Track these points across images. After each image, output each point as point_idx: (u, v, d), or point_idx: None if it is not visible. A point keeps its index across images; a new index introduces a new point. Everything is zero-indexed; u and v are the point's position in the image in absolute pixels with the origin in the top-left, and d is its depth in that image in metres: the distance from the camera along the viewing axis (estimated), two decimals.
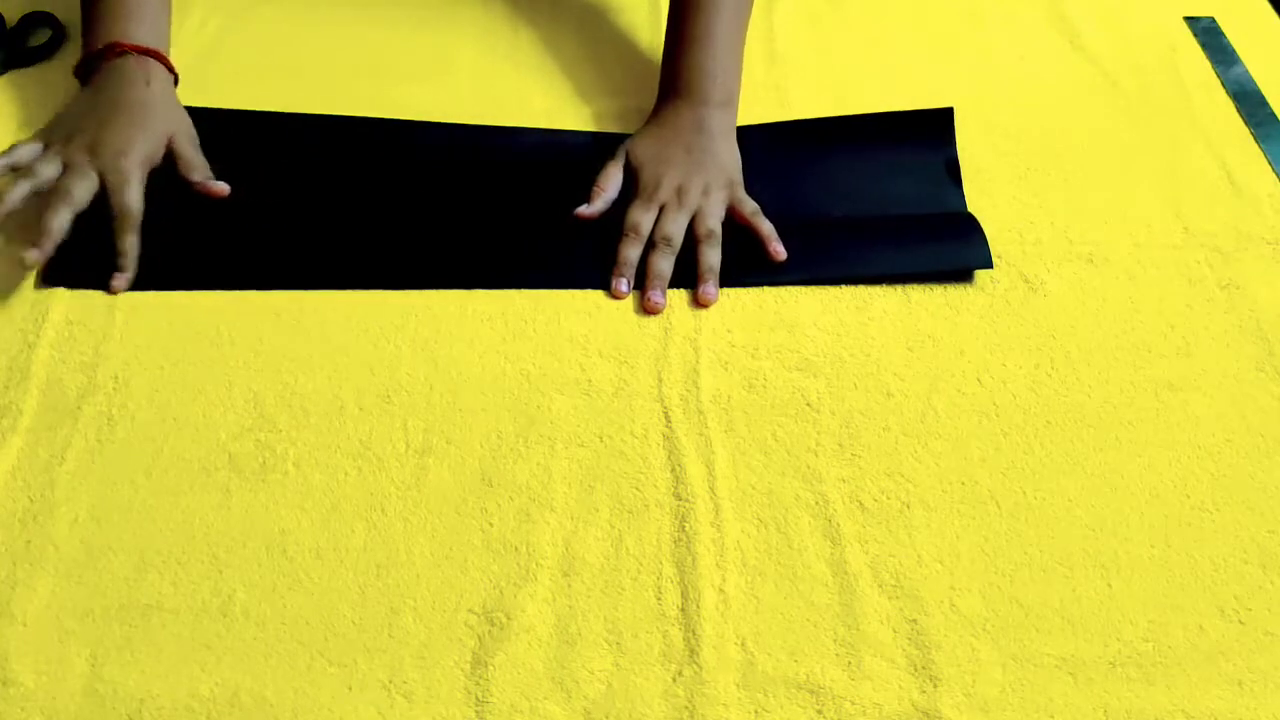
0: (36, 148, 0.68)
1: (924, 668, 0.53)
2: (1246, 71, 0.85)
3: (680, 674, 0.53)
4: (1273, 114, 0.82)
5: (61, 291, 0.67)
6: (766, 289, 0.69)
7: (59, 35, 0.83)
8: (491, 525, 0.58)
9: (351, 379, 0.64)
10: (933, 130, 0.77)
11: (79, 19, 0.76)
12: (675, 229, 0.70)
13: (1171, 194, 0.76)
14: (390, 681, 0.52)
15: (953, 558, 0.57)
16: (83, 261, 0.67)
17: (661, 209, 0.71)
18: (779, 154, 0.77)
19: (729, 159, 0.74)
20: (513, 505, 0.59)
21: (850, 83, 0.83)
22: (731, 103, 0.76)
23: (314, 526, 0.57)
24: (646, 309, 0.68)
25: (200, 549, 0.56)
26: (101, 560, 0.56)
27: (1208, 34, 0.89)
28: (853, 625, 0.55)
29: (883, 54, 0.86)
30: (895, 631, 0.55)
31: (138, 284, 0.67)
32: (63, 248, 0.65)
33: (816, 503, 0.59)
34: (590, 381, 0.64)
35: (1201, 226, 0.74)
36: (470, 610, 0.55)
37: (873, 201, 0.74)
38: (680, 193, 0.72)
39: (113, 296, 0.67)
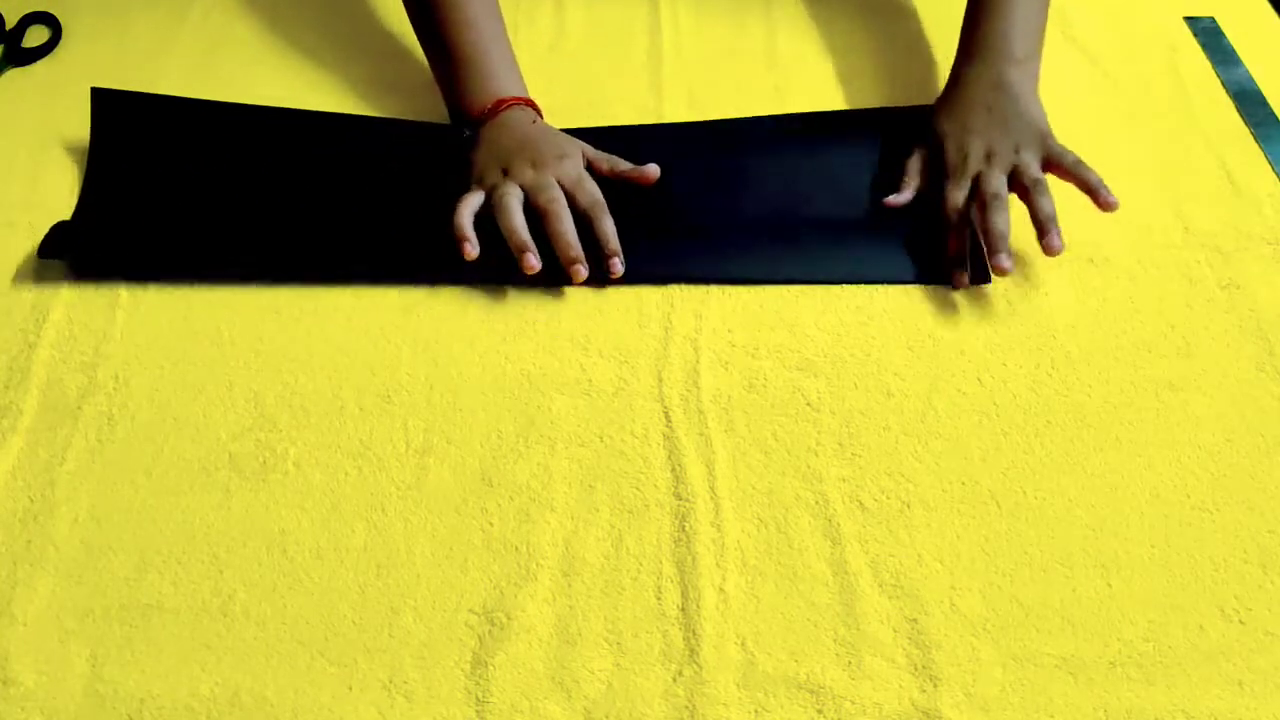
0: (480, 194, 0.69)
1: (924, 667, 0.53)
2: (1246, 71, 0.85)
3: (680, 674, 0.53)
4: (1273, 114, 0.82)
5: (62, 291, 0.67)
6: (766, 288, 0.69)
7: (57, 35, 0.83)
8: (492, 525, 0.58)
9: (351, 379, 0.64)
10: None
11: (79, 19, 0.76)
12: (999, 184, 0.68)
13: (1171, 194, 0.76)
14: (390, 681, 0.52)
15: (953, 558, 0.57)
16: (103, 249, 0.69)
17: (977, 178, 0.69)
18: (778, 148, 0.77)
19: (1036, 113, 0.72)
20: (513, 505, 0.59)
21: (850, 83, 0.83)
22: (1032, 59, 0.74)
23: (314, 526, 0.57)
24: (998, 272, 0.66)
25: (200, 549, 0.56)
26: (101, 560, 0.56)
27: (1208, 34, 0.89)
28: (853, 625, 0.55)
29: (883, 54, 0.86)
30: (895, 631, 0.55)
31: (143, 274, 0.68)
32: (79, 235, 0.68)
33: (816, 502, 0.59)
34: (590, 381, 0.64)
35: (1201, 226, 0.74)
36: (470, 610, 0.55)
37: (871, 201, 0.74)
38: (990, 157, 0.70)
39: (113, 296, 0.67)
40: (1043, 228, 0.67)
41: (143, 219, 0.70)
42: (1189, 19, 0.90)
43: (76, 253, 0.68)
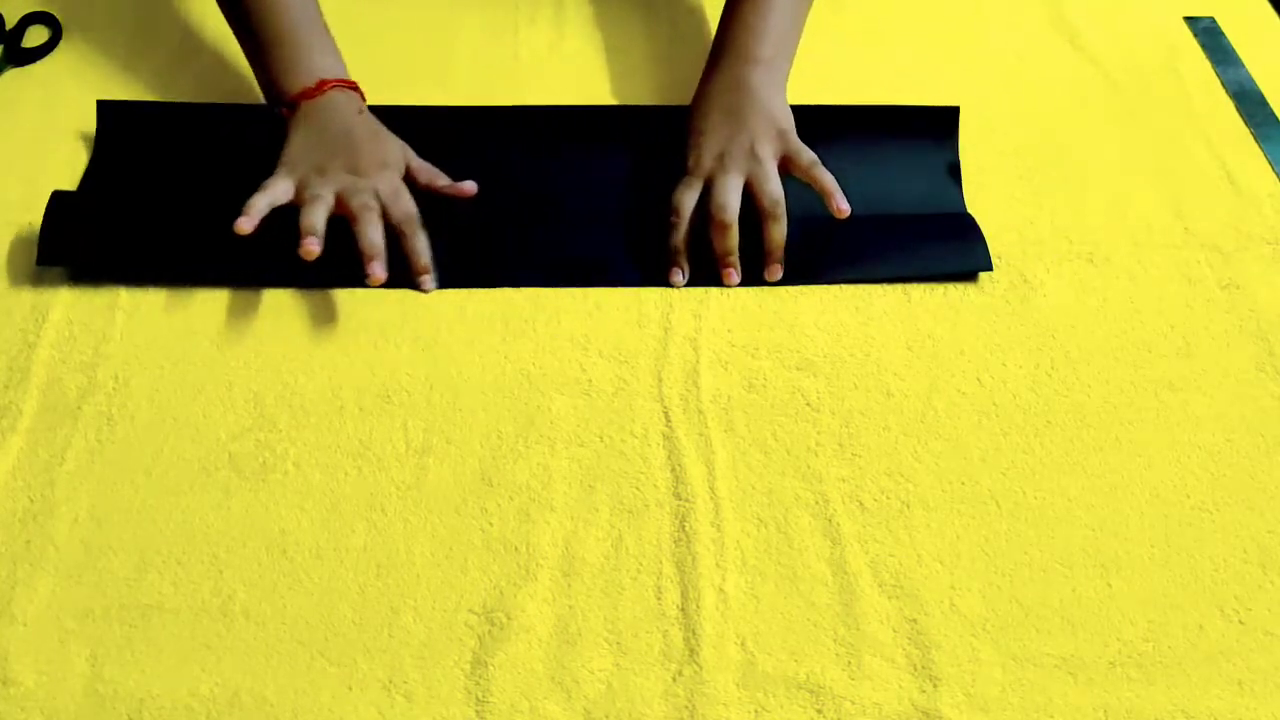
0: (289, 184, 0.67)
1: (924, 668, 0.53)
2: (1246, 71, 0.85)
3: (680, 673, 0.53)
4: (1273, 114, 0.82)
5: (62, 291, 0.67)
6: (766, 288, 0.69)
7: (57, 35, 0.83)
8: (491, 525, 0.58)
9: (351, 379, 0.64)
10: (937, 128, 0.77)
11: (79, 19, 0.76)
12: (726, 197, 0.66)
13: (1171, 194, 0.76)
14: (390, 681, 0.52)
15: (953, 558, 0.57)
16: (83, 246, 0.69)
17: (708, 182, 0.67)
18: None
19: (775, 108, 0.70)
20: (513, 505, 0.59)
21: (850, 83, 0.83)
22: (777, 60, 0.72)
23: (314, 526, 0.57)
24: (727, 283, 0.67)
25: (200, 549, 0.56)
26: (101, 560, 0.56)
27: (1208, 34, 0.89)
28: (853, 625, 0.55)
29: (883, 54, 0.86)
30: (895, 631, 0.55)
31: (140, 276, 0.68)
32: (64, 233, 0.68)
33: (816, 502, 0.59)
34: (590, 381, 0.64)
35: (1201, 226, 0.74)
36: (470, 610, 0.55)
37: (873, 198, 0.73)
38: (724, 158, 0.67)
39: (113, 296, 0.67)
40: (770, 255, 0.68)
41: (141, 223, 0.70)
42: (1189, 19, 0.90)
43: (76, 259, 0.68)
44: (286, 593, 0.55)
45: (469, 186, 0.70)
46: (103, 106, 0.75)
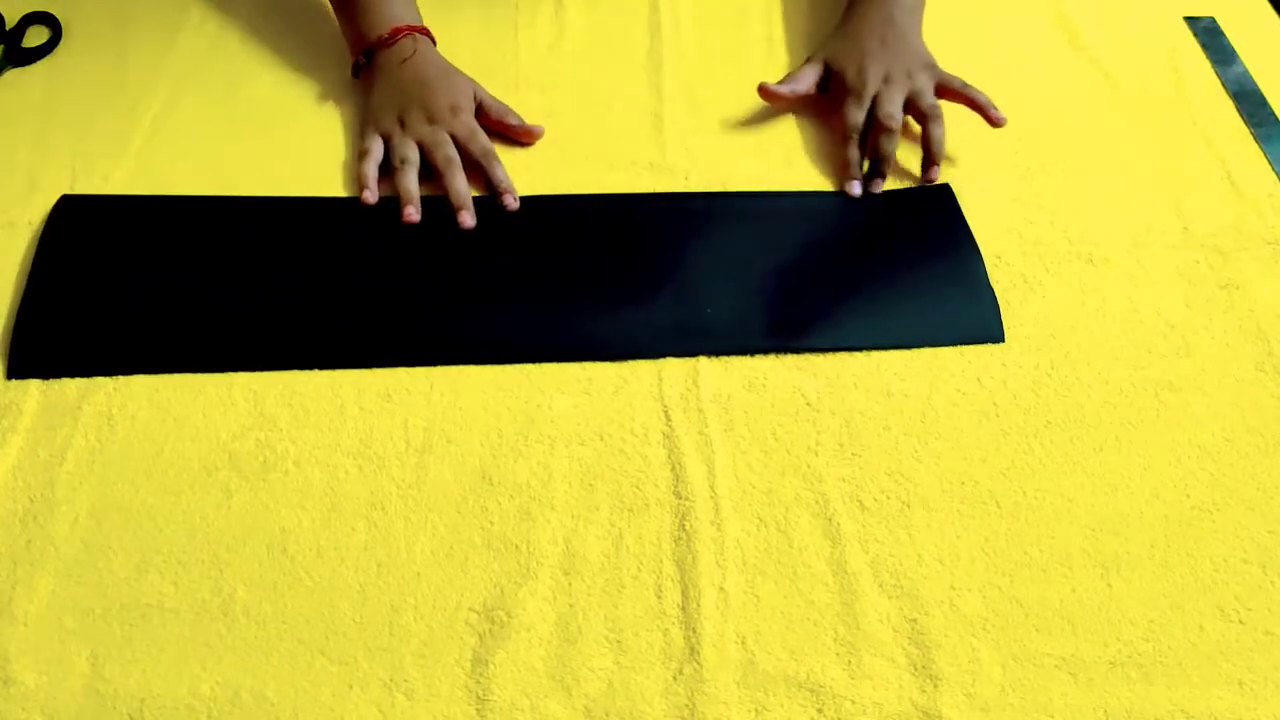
0: (379, 141, 0.75)
1: (924, 667, 0.53)
2: (1246, 71, 0.85)
3: (681, 672, 0.53)
4: (1273, 114, 0.82)
5: None
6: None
7: (57, 35, 0.83)
8: (492, 524, 0.58)
9: (351, 378, 0.64)
10: (936, 205, 0.75)
11: (79, 19, 0.76)
12: (894, 108, 0.75)
13: (1171, 194, 0.76)
14: (391, 680, 0.52)
15: (953, 558, 0.57)
16: (54, 347, 0.64)
17: (875, 97, 0.76)
18: (790, 222, 0.73)
19: (923, 48, 0.80)
20: (513, 504, 0.59)
21: None
22: (917, 8, 0.82)
23: (314, 525, 0.57)
24: (873, 191, 0.74)
25: (200, 548, 0.56)
26: (101, 560, 0.56)
27: (1208, 34, 0.89)
28: (853, 625, 0.55)
29: None
30: (895, 631, 0.55)
31: (128, 366, 0.63)
32: (36, 337, 0.64)
33: (816, 502, 0.59)
34: (590, 380, 0.64)
35: (1201, 226, 0.74)
36: (471, 608, 0.55)
37: (886, 272, 0.70)
38: (888, 79, 0.77)
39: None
40: (932, 155, 0.75)
41: (103, 317, 0.65)
42: (1189, 19, 0.90)
43: (45, 364, 0.63)
44: (287, 592, 0.55)
45: (536, 130, 0.77)
46: (65, 201, 0.71)
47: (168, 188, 0.73)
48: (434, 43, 0.80)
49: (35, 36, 0.83)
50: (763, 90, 0.78)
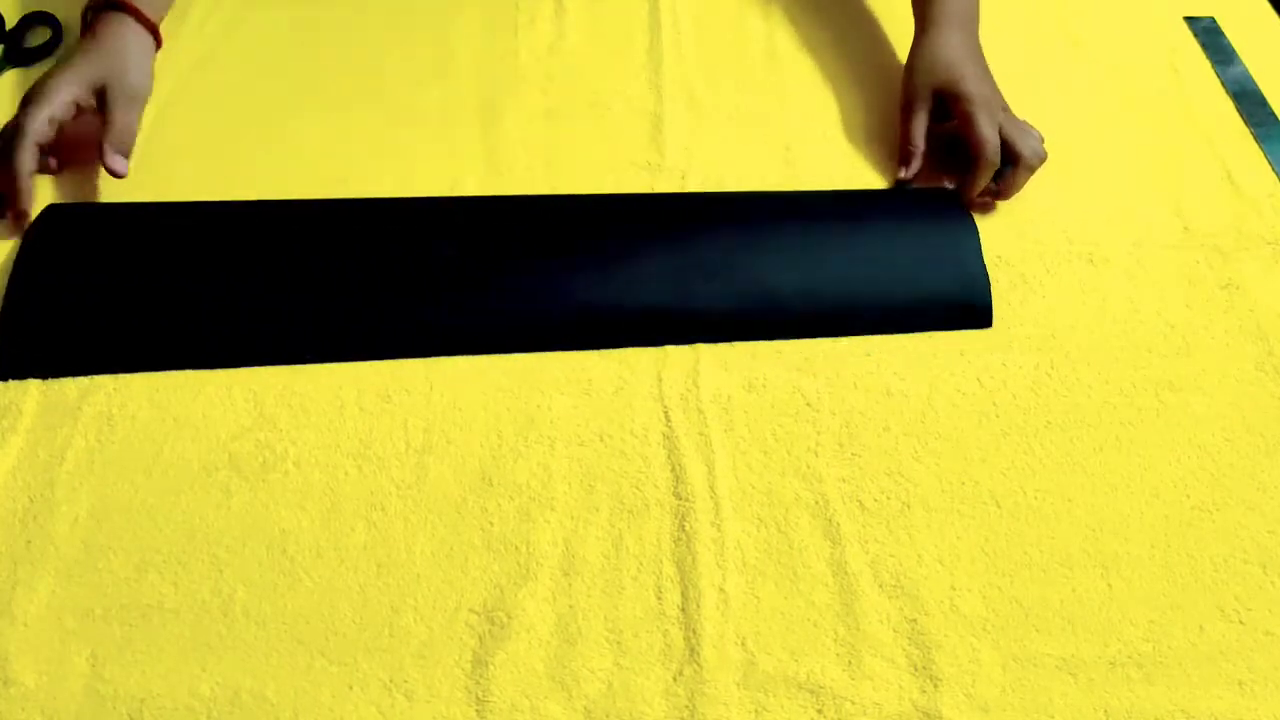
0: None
1: (924, 668, 0.53)
2: (1246, 71, 0.85)
3: (681, 673, 0.53)
4: (1273, 114, 0.82)
5: None
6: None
7: (57, 35, 0.83)
8: (492, 524, 0.58)
9: (351, 379, 0.64)
10: (944, 204, 0.75)
11: (78, 19, 0.76)
12: (1037, 144, 0.74)
13: (1171, 194, 0.76)
14: (391, 681, 0.52)
15: (953, 558, 0.57)
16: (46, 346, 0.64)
17: (1004, 127, 0.74)
18: (793, 220, 0.74)
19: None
20: (513, 504, 0.59)
21: (851, 82, 0.83)
22: (977, 29, 0.81)
23: (314, 526, 0.57)
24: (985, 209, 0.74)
25: (200, 549, 0.56)
26: (101, 560, 0.56)
27: (1208, 34, 0.89)
28: (853, 625, 0.55)
29: (884, 54, 0.86)
30: (895, 631, 0.55)
31: (126, 364, 0.64)
32: (21, 336, 0.64)
33: (816, 503, 0.59)
34: (590, 381, 0.64)
35: (1201, 226, 0.74)
36: (471, 609, 0.55)
37: (884, 257, 0.71)
38: (1005, 112, 0.75)
39: None
40: (1003, 194, 0.74)
41: (88, 315, 0.65)
42: (1189, 19, 0.90)
43: (40, 363, 0.63)
44: (287, 592, 0.55)
45: (120, 166, 0.71)
46: (50, 211, 0.70)
47: (166, 188, 0.73)
48: (154, 35, 0.75)
49: (35, 37, 0.83)
50: (902, 180, 0.75)
